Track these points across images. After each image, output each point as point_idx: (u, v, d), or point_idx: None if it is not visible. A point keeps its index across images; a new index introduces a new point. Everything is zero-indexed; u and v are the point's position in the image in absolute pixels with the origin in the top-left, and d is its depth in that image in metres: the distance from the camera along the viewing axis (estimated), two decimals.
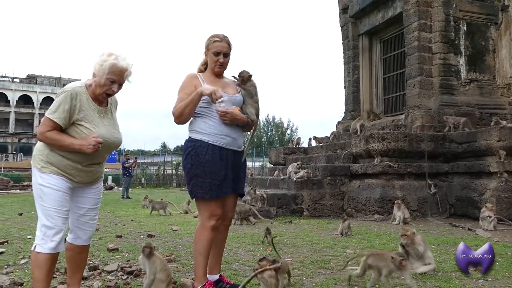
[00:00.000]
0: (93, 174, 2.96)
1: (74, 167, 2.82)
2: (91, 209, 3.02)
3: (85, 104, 2.82)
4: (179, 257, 4.75)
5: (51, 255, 2.75)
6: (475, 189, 8.16)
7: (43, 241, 2.74)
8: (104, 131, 2.86)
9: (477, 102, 10.32)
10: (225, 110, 3.10)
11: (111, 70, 2.79)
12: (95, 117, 2.85)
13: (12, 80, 51.27)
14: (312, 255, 4.75)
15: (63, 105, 2.74)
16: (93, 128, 2.80)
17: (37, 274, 2.76)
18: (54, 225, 2.75)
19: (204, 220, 3.09)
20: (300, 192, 8.97)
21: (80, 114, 2.78)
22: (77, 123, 2.78)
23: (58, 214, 2.76)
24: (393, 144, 8.69)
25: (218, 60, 3.21)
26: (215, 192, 3.06)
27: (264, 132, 70.06)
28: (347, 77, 13.40)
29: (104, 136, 2.84)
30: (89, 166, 2.90)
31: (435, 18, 10.25)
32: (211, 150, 3.08)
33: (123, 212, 10.77)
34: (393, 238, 5.79)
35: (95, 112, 2.86)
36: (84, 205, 2.98)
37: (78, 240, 2.99)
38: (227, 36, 3.27)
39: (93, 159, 2.89)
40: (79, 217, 2.97)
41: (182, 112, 3.07)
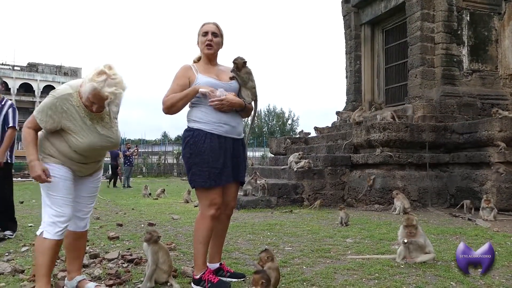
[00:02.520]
0: (91, 169, 3.00)
1: (73, 163, 2.85)
2: (88, 197, 3.05)
3: (73, 113, 2.72)
4: (179, 245, 4.77)
5: (56, 241, 2.78)
6: (475, 179, 8.16)
7: (51, 228, 2.75)
8: (94, 139, 2.79)
9: (479, 93, 10.28)
10: (220, 99, 3.09)
11: (92, 92, 2.64)
12: (84, 126, 2.75)
13: (12, 68, 51.13)
14: (312, 244, 4.77)
15: (47, 109, 2.70)
16: (80, 139, 2.74)
17: (41, 260, 2.78)
18: (63, 213, 2.78)
19: (204, 209, 3.09)
20: (301, 182, 8.97)
21: (67, 123, 2.72)
22: (67, 130, 2.76)
23: (66, 202, 2.79)
24: (394, 134, 8.67)
25: (206, 39, 3.19)
26: (214, 181, 3.06)
27: (265, 122, 70.04)
28: (349, 67, 13.34)
29: (94, 144, 2.79)
30: (87, 164, 2.93)
31: (438, 8, 10.16)
32: (209, 138, 3.07)
33: (123, 201, 10.82)
34: (393, 228, 5.80)
35: (86, 120, 2.76)
36: (81, 193, 3.00)
37: (73, 226, 3.01)
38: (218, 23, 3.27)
39: (89, 160, 2.91)
40: (76, 205, 2.99)
41: (175, 104, 3.07)
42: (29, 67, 52.33)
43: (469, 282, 3.25)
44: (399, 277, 3.41)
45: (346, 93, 13.50)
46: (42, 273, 2.78)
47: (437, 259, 3.90)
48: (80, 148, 2.77)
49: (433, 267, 3.70)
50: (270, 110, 71.60)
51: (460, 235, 5.37)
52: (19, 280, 3.38)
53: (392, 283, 3.25)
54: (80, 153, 2.81)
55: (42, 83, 50.53)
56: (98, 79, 2.62)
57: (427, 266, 3.71)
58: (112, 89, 2.64)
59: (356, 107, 12.63)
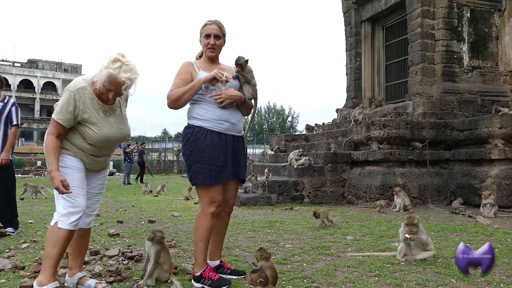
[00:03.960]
0: (101, 163, 3.04)
1: (85, 156, 2.88)
2: (96, 194, 3.08)
3: (89, 105, 2.81)
4: (179, 242, 4.78)
5: (69, 232, 2.79)
6: (476, 176, 8.16)
7: (65, 218, 2.77)
8: (109, 130, 2.88)
9: (479, 89, 10.27)
10: (220, 92, 3.09)
11: (108, 79, 2.73)
12: (99, 117, 2.85)
13: (13, 64, 51.07)
14: (312, 241, 4.77)
15: (67, 106, 2.76)
16: (97, 130, 2.82)
17: (51, 251, 2.78)
18: (77, 203, 2.80)
19: (205, 206, 3.09)
20: (301, 179, 8.97)
21: (84, 115, 2.79)
22: (83, 122, 2.82)
23: (80, 193, 2.82)
24: (394, 131, 8.67)
25: (209, 42, 3.18)
26: (214, 178, 3.06)
27: (265, 119, 69.95)
28: (349, 64, 13.31)
29: (109, 135, 2.88)
30: (99, 157, 2.97)
31: (438, 4, 10.14)
32: (210, 136, 3.07)
33: (124, 198, 10.82)
34: (393, 225, 5.81)
35: (100, 112, 2.85)
36: (90, 189, 3.01)
37: (80, 222, 3.00)
38: (220, 21, 3.25)
39: (102, 152, 2.96)
40: None
41: (180, 97, 3.05)
42: (29, 64, 52.29)
43: (469, 279, 3.25)
44: (400, 274, 3.41)
45: (346, 90, 13.49)
46: (49, 264, 2.79)
47: (437, 256, 3.91)
48: (96, 139, 2.83)
49: (433, 264, 3.70)
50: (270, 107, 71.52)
51: (460, 232, 5.37)
52: (19, 276, 3.38)
53: (393, 280, 3.25)
54: (95, 145, 2.86)
55: (42, 79, 50.52)
56: (113, 66, 2.72)
57: (428, 264, 3.71)
58: (128, 74, 2.75)
59: (356, 104, 12.62)
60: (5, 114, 5.37)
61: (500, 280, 3.26)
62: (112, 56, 2.75)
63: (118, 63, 2.72)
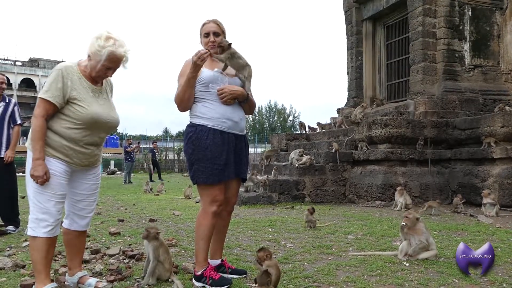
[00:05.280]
0: (90, 156, 2.89)
1: (71, 148, 2.76)
2: (88, 195, 2.98)
3: (77, 82, 2.77)
4: (180, 241, 4.76)
5: (47, 238, 2.71)
6: (477, 175, 8.13)
7: (34, 225, 2.70)
8: (99, 109, 2.82)
9: (480, 88, 10.24)
10: (220, 87, 3.09)
11: (108, 57, 2.74)
12: (88, 96, 2.80)
13: (14, 63, 51.16)
14: (313, 240, 4.75)
15: (55, 83, 2.71)
16: (86, 106, 2.75)
17: (35, 257, 2.74)
18: (46, 209, 2.70)
19: (206, 205, 3.07)
20: (302, 178, 8.96)
21: (72, 92, 2.74)
22: (71, 101, 2.74)
23: (52, 198, 2.71)
24: (396, 130, 8.65)
25: (209, 40, 3.18)
26: (216, 177, 3.04)
27: (266, 118, 69.93)
28: (350, 63, 13.28)
29: (99, 114, 2.80)
30: (86, 147, 2.83)
31: (439, 3, 10.10)
32: (212, 134, 3.05)
33: (125, 196, 10.81)
34: (394, 224, 5.79)
35: (88, 91, 2.81)
36: (81, 191, 2.94)
37: (74, 225, 2.97)
38: (217, 19, 3.25)
39: (90, 139, 2.83)
40: (75, 203, 2.94)
41: (182, 98, 3.05)
42: (31, 62, 52.36)
43: (471, 279, 3.24)
44: (401, 273, 3.39)
45: (348, 89, 13.45)
46: (38, 269, 2.75)
47: (439, 256, 3.89)
48: (85, 118, 2.74)
49: (435, 263, 3.69)
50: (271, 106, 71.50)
51: (462, 231, 5.36)
52: (20, 275, 3.37)
53: (394, 279, 3.23)
54: (83, 126, 2.75)
55: (43, 78, 50.49)
56: (108, 44, 2.73)
57: (430, 263, 3.69)
58: (124, 48, 2.80)
59: (357, 103, 12.58)
60: (9, 114, 5.52)
61: (503, 280, 3.24)
62: (103, 35, 2.75)
63: (111, 40, 2.75)
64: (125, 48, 2.81)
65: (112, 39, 2.77)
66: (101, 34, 2.78)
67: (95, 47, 2.75)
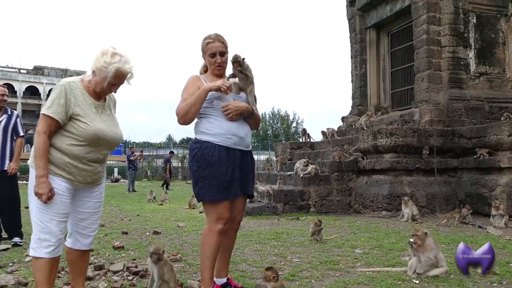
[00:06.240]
0: (93, 173, 2.83)
1: (74, 165, 2.70)
2: (92, 213, 2.91)
3: (80, 98, 2.73)
4: (185, 256, 4.69)
5: (49, 259, 2.66)
6: (485, 185, 8.03)
7: (36, 245, 2.64)
8: (102, 126, 2.77)
9: (486, 96, 10.16)
10: (225, 104, 3.04)
11: (114, 74, 2.71)
12: (91, 112, 2.76)
13: (19, 71, 51.40)
14: (320, 255, 4.67)
15: (58, 99, 2.66)
16: (89, 123, 2.71)
17: (38, 277, 2.68)
18: (49, 229, 2.64)
19: (212, 223, 3.01)
20: (307, 188, 8.88)
21: (75, 108, 2.69)
22: (74, 117, 2.70)
23: (54, 218, 2.65)
24: (401, 139, 8.57)
25: (215, 61, 3.13)
26: (222, 195, 2.98)
27: (270, 125, 69.93)
28: (354, 71, 13.23)
29: (102, 130, 2.75)
30: (89, 164, 2.77)
31: (444, 10, 10.06)
32: (217, 151, 2.99)
33: (129, 206, 10.76)
34: (402, 237, 5.70)
35: (91, 107, 2.77)
36: (84, 209, 2.87)
37: (78, 244, 2.90)
38: (220, 35, 3.17)
39: (93, 156, 2.77)
40: (79, 221, 2.88)
41: (188, 111, 2.99)
42: (35, 70, 52.58)
43: None
44: None
45: (352, 98, 13.40)
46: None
47: (450, 272, 3.80)
48: (87, 134, 2.69)
49: (445, 281, 3.60)
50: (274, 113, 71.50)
51: (471, 244, 5.22)
52: None
53: None
54: (86, 142, 2.70)
55: (48, 86, 50.66)
56: (115, 60, 2.70)
57: (440, 280, 3.61)
58: (130, 64, 2.77)
59: (362, 111, 12.54)
60: (11, 126, 5.53)
61: None
62: (108, 52, 2.72)
63: (117, 56, 2.72)
64: (131, 64, 2.78)
65: (118, 55, 2.73)
66: (106, 50, 2.74)
67: (101, 63, 2.71)
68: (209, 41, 3.13)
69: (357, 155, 9.29)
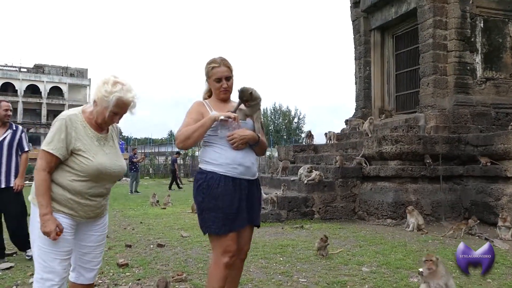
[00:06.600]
0: (96, 208, 2.75)
1: (76, 201, 2.63)
2: (95, 246, 2.83)
3: (82, 132, 2.65)
4: (190, 274, 4.63)
5: None
6: (491, 194, 7.95)
7: (39, 285, 2.57)
8: (104, 159, 2.68)
9: (493, 102, 10.04)
10: (232, 133, 2.96)
11: (115, 103, 2.63)
12: (93, 146, 2.67)
13: (19, 69, 51.14)
14: (327, 274, 4.61)
15: (58, 134, 2.58)
16: (91, 158, 2.62)
17: None
18: (52, 268, 2.56)
19: (218, 256, 2.94)
20: (311, 195, 8.82)
21: (77, 143, 2.61)
22: (75, 152, 2.61)
23: (57, 257, 2.58)
24: (407, 147, 8.48)
25: (221, 86, 3.04)
26: (228, 227, 2.90)
27: (271, 120, 69.83)
28: (358, 73, 13.12)
29: (104, 165, 2.66)
30: (92, 199, 2.70)
31: (451, 14, 9.92)
32: (223, 182, 2.91)
33: (131, 211, 10.70)
34: (409, 251, 5.65)
35: (93, 140, 2.69)
36: (87, 243, 2.79)
37: (81, 278, 2.82)
38: (225, 59, 3.09)
39: (96, 191, 2.70)
40: (82, 255, 2.80)
41: (190, 136, 2.90)
42: (36, 69, 52.27)
43: None
44: None
45: (356, 100, 13.29)
46: None
47: None
48: (90, 169, 2.61)
49: None
50: (276, 108, 71.39)
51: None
52: None
53: None
54: (89, 178, 2.63)
55: (48, 84, 50.53)
56: (116, 89, 2.63)
57: None
58: (132, 93, 2.70)
59: (365, 114, 12.44)
60: (16, 141, 5.47)
61: None
62: (110, 80, 2.65)
63: (118, 85, 2.64)
64: (133, 93, 2.70)
65: (120, 84, 2.65)
66: (107, 79, 2.66)
67: (102, 93, 2.63)
68: (214, 65, 3.04)
69: (361, 160, 9.22)
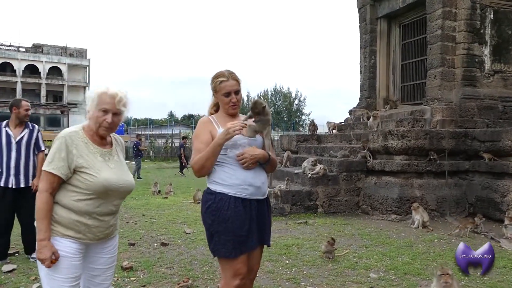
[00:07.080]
0: (105, 228, 2.64)
1: (83, 223, 2.52)
2: (105, 269, 2.74)
3: (83, 148, 2.55)
4: (196, 279, 4.58)
5: None
6: (496, 190, 7.88)
7: None
8: (110, 174, 2.57)
9: (500, 95, 9.89)
10: (240, 153, 2.84)
11: (100, 99, 2.57)
12: (96, 161, 2.57)
13: (17, 49, 50.40)
14: (334, 280, 4.56)
15: (59, 153, 2.48)
16: (96, 174, 2.52)
17: None
18: None
19: (228, 279, 2.85)
20: (315, 189, 8.76)
21: (79, 160, 2.51)
22: (78, 170, 2.51)
23: (65, 284, 2.49)
24: (413, 142, 8.36)
25: (230, 100, 2.92)
26: (239, 250, 2.81)
27: (272, 102, 69.57)
28: (363, 62, 12.90)
29: (110, 181, 2.55)
30: (100, 219, 2.59)
31: (460, 5, 9.69)
32: (233, 203, 2.81)
33: (133, 201, 10.60)
34: (415, 254, 5.60)
35: (96, 156, 2.59)
36: (97, 265, 2.70)
37: None
38: (233, 72, 2.96)
39: (104, 209, 2.58)
40: (92, 278, 2.71)
41: (203, 165, 2.81)
42: (34, 48, 51.43)
43: None
44: None
45: (360, 89, 13.11)
46: None
47: None
48: (95, 186, 2.51)
49: None
50: (276, 90, 71.07)
51: None
52: None
53: None
54: (94, 195, 2.52)
55: (47, 64, 49.81)
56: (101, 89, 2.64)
57: None
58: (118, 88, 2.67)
59: (370, 104, 12.31)
60: (33, 141, 5.44)
61: None
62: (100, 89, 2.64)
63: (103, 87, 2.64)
64: (119, 89, 2.65)
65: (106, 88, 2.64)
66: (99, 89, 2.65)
67: (91, 99, 2.60)
68: (222, 79, 2.90)
69: (365, 154, 9.11)
